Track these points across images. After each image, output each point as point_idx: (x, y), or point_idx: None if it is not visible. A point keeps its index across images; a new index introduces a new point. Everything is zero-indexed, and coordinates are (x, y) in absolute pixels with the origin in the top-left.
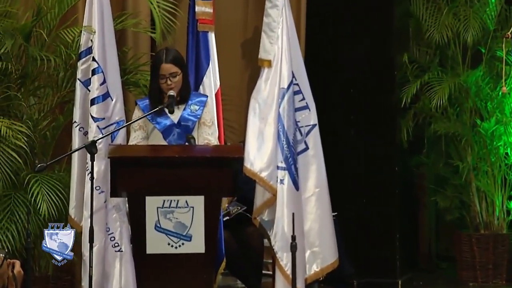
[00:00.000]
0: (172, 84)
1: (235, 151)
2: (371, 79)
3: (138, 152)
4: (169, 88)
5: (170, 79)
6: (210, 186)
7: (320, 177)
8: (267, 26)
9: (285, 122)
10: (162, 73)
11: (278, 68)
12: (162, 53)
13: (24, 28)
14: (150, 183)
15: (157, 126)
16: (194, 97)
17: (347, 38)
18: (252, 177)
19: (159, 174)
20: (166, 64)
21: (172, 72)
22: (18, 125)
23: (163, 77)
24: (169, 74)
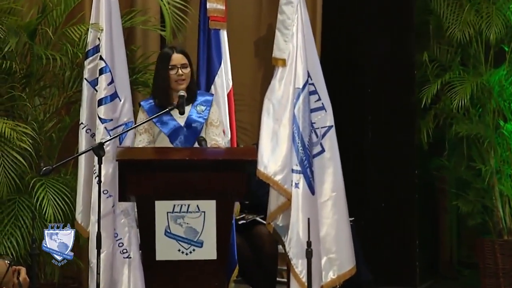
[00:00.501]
0: (183, 76)
1: (248, 154)
2: (389, 78)
3: (148, 154)
4: (179, 80)
5: (182, 69)
6: (222, 190)
7: (336, 180)
8: (282, 24)
9: (300, 124)
10: (173, 63)
11: (293, 67)
12: (169, 47)
13: (29, 25)
14: (160, 187)
15: (163, 129)
16: (200, 96)
17: (365, 36)
18: (266, 180)
19: (169, 178)
20: (177, 54)
21: (184, 63)
22: (22, 127)
23: (174, 67)
24: (180, 65)
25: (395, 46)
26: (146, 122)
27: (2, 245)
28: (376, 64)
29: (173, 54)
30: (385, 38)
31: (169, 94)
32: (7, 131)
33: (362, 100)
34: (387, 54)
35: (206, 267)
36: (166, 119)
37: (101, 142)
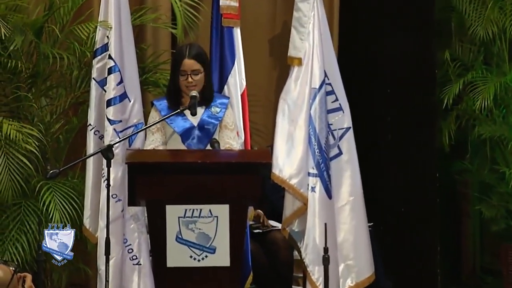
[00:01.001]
0: (193, 83)
1: (262, 156)
2: (409, 78)
3: (158, 157)
4: (190, 86)
5: (192, 76)
6: (236, 194)
7: (354, 184)
8: (297, 21)
9: (316, 125)
10: (183, 69)
11: (309, 67)
12: (184, 48)
13: (35, 23)
14: (171, 191)
15: (175, 129)
16: (216, 98)
17: (384, 34)
18: (281, 184)
19: (180, 181)
20: (188, 59)
21: (195, 69)
22: (28, 128)
23: (184, 73)
24: (191, 71)
25: (415, 44)
26: (159, 121)
27: (7, 251)
28: (395, 63)
29: (184, 60)
30: (405, 36)
31: (180, 96)
32: (13, 132)
33: (381, 100)
34: (407, 53)
35: (219, 274)
36: (179, 119)
37: (110, 144)
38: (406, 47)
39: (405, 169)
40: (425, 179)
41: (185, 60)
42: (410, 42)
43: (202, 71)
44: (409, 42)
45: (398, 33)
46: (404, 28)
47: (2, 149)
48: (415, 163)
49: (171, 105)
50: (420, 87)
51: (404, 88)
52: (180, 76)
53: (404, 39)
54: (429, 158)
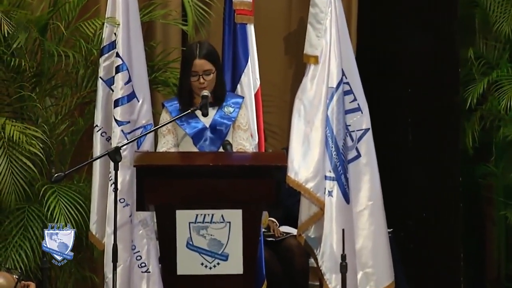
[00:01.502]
0: (204, 83)
1: (277, 159)
2: (431, 77)
3: (168, 160)
4: (201, 87)
5: (203, 77)
6: (249, 198)
7: (373, 188)
8: (314, 17)
9: (334, 126)
10: (194, 70)
11: (326, 65)
12: (194, 47)
13: (39, 20)
14: (181, 195)
15: (187, 130)
16: (229, 98)
17: (405, 31)
18: (297, 188)
19: (191, 185)
20: (199, 59)
21: (206, 70)
22: (32, 130)
23: (195, 74)
24: (202, 72)
25: (437, 41)
26: (169, 122)
27: (10, 258)
28: (416, 61)
29: (194, 60)
30: (426, 33)
31: (192, 97)
32: (16, 134)
33: (401, 100)
34: (428, 50)
35: (231, 282)
36: (190, 121)
37: (118, 146)
38: (428, 45)
39: (426, 172)
40: (447, 183)
41: (196, 60)
42: (432, 39)
43: (213, 71)
44: (431, 39)
45: (419, 30)
46: (426, 25)
47: (5, 151)
48: (437, 166)
49: (182, 106)
50: (443, 86)
51: (426, 87)
52: (191, 77)
53: (425, 36)
54: (451, 161)
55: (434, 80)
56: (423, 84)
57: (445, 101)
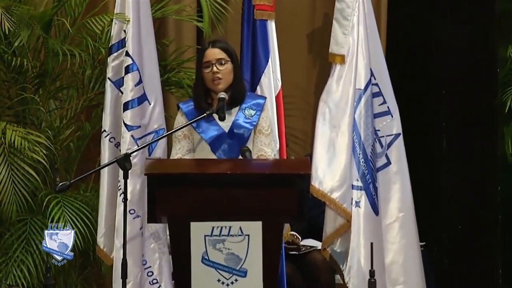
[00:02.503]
0: (219, 74)
1: (300, 167)
2: (467, 77)
3: (182, 167)
4: (215, 79)
5: (217, 66)
6: (270, 209)
7: (404, 198)
8: (340, 13)
9: (361, 131)
10: (206, 60)
11: (353, 65)
12: (208, 41)
13: (43, 16)
14: (196, 206)
15: (204, 136)
16: (249, 99)
17: (438, 28)
18: (321, 198)
19: (207, 195)
20: (212, 49)
21: (220, 58)
22: (35, 135)
23: (208, 64)
24: (215, 60)
25: (474, 39)
26: (184, 127)
27: (11, 274)
28: (451, 60)
29: (207, 49)
30: (462, 30)
31: (210, 96)
32: (17, 140)
33: (434, 103)
34: (464, 49)
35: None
36: (208, 125)
37: (127, 153)
38: (464, 42)
39: (462, 181)
40: (485, 193)
41: (207, 50)
42: (468, 37)
43: (228, 61)
44: (467, 37)
45: (454, 27)
46: (461, 21)
47: (6, 159)
48: (473, 174)
49: (198, 108)
50: (480, 87)
51: (461, 89)
52: (204, 70)
53: (461, 33)
54: (489, 169)
55: (471, 81)
56: (458, 86)
57: (482, 104)
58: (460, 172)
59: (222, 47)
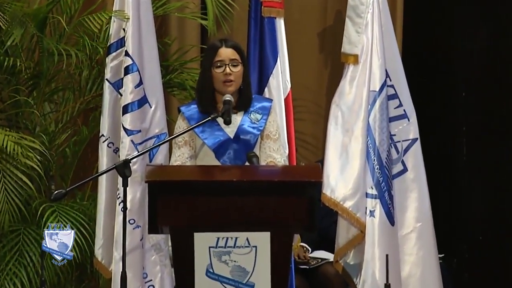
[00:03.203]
0: (231, 76)
1: (311, 174)
2: (488, 78)
3: (185, 174)
4: (227, 81)
5: (230, 67)
6: (279, 219)
7: (422, 207)
8: (353, 10)
9: (376, 136)
10: (219, 59)
11: (367, 65)
12: (219, 40)
13: (37, 13)
14: (200, 216)
15: (207, 142)
16: (255, 102)
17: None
18: (333, 207)
19: (212, 204)
20: (226, 48)
21: (233, 59)
22: (29, 140)
23: (221, 64)
24: (229, 60)
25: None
26: (185, 132)
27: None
28: (472, 60)
29: (221, 48)
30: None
31: (214, 98)
32: (10, 145)
33: (454, 105)
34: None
35: None
36: (211, 130)
37: (127, 159)
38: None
39: (483, 189)
40: (508, 202)
41: (222, 48)
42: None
43: (240, 63)
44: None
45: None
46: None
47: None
48: (495, 182)
49: (203, 111)
50: (502, 89)
51: (482, 91)
52: (215, 69)
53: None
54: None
55: (492, 82)
56: (479, 87)
57: (504, 107)
58: (481, 180)
59: (236, 47)
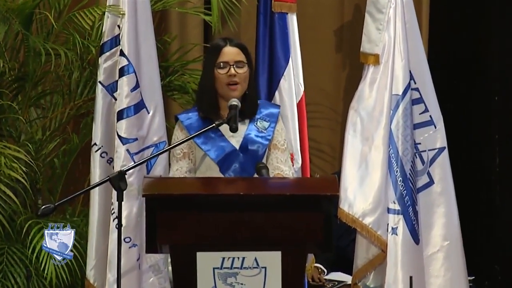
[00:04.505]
0: (236, 78)
1: (326, 187)
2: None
3: (187, 187)
4: (232, 83)
5: (235, 68)
6: (291, 237)
7: (450, 224)
8: (373, 5)
9: (399, 145)
10: (223, 60)
11: (389, 66)
12: (223, 38)
13: (22, 9)
14: (203, 233)
15: (210, 154)
16: (262, 108)
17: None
18: (351, 224)
19: (216, 220)
20: (231, 47)
21: (239, 60)
22: (13, 149)
23: (224, 65)
24: (234, 62)
25: None
26: (183, 142)
27: None
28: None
29: (225, 47)
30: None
31: (217, 102)
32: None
33: (486, 111)
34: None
35: None
36: (214, 140)
37: (122, 171)
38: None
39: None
40: None
41: (226, 47)
42: None
43: (246, 64)
44: None
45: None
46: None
47: None
48: None
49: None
50: None
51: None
52: (218, 70)
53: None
54: None
55: None
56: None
57: None
58: None
59: (241, 47)
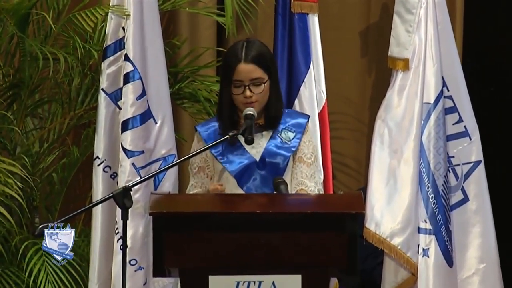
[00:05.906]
0: (252, 98)
1: (351, 204)
2: None
3: (198, 205)
4: (246, 103)
5: (251, 88)
6: (312, 259)
7: (487, 245)
8: (402, 5)
9: (430, 158)
10: (237, 79)
11: (420, 72)
12: (240, 47)
13: (18, 9)
14: (216, 255)
15: (228, 167)
16: (287, 117)
17: None
18: (378, 245)
19: (231, 241)
20: (245, 64)
21: (255, 78)
22: (8, 163)
23: (239, 84)
24: (249, 81)
25: None
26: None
27: None
28: None
29: (238, 64)
30: None
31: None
32: None
33: None
34: None
35: None
36: (232, 152)
37: (127, 187)
38: None
39: None
40: None
41: (240, 65)
42: None
43: (266, 80)
44: None
45: None
46: None
47: None
48: None
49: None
50: None
51: None
52: (234, 89)
53: None
54: None
55: None
56: None
57: None
58: None
59: (258, 61)
